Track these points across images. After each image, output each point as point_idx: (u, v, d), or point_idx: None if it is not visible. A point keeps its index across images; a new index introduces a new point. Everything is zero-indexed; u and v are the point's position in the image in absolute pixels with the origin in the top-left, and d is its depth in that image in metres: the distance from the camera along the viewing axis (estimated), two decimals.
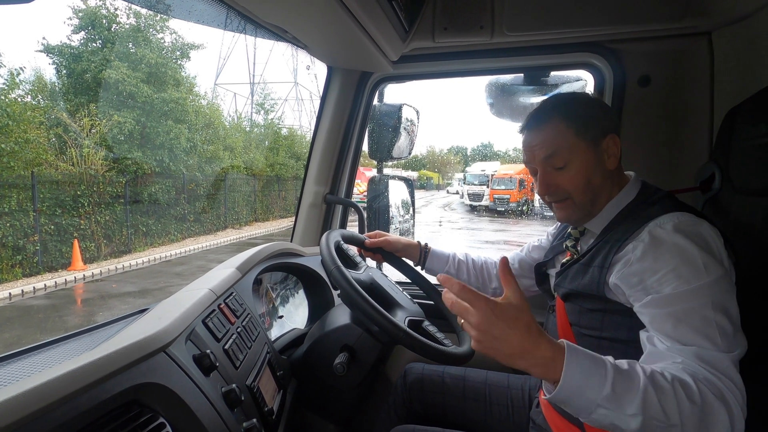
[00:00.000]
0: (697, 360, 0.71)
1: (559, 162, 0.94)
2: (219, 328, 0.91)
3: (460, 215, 21.67)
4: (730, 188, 1.10)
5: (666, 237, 0.80)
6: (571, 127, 0.93)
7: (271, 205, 17.93)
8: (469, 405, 1.27)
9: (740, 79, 1.23)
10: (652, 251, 0.80)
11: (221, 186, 14.72)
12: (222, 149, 15.07)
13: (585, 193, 0.94)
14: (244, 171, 16.24)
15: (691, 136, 1.38)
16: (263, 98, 24.69)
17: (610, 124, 0.95)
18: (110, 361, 0.61)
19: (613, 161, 0.94)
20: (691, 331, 0.73)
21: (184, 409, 0.69)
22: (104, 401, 0.57)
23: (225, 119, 17.96)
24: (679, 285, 0.76)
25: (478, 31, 1.43)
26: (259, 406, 0.91)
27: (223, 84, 31.32)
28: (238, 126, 19.03)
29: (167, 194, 12.28)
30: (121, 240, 10.78)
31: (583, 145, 0.92)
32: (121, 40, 12.75)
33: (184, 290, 1.00)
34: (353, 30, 1.18)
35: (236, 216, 15.59)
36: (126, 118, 11.49)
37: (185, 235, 12.97)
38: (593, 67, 1.50)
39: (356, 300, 1.00)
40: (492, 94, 1.77)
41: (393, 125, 1.69)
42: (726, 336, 0.72)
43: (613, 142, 0.94)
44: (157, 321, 0.77)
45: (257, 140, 19.67)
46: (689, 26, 1.30)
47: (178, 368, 0.72)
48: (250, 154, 17.27)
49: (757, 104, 1.03)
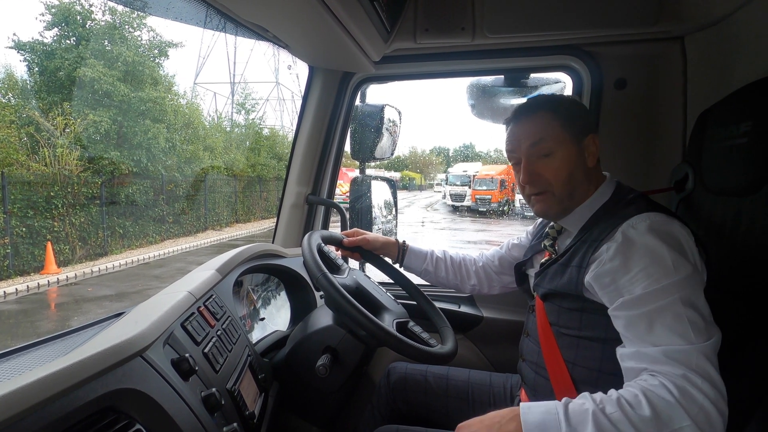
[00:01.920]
0: (664, 360, 0.73)
1: (545, 149, 0.96)
2: (198, 331, 0.89)
3: (443, 215, 21.74)
4: (702, 188, 1.13)
5: (637, 237, 0.82)
6: (558, 119, 0.96)
7: (253, 206, 17.67)
8: (452, 403, 1.28)
9: (712, 82, 1.27)
10: (624, 251, 0.82)
11: (201, 187, 14.42)
12: (202, 149, 14.75)
13: (565, 186, 0.96)
14: (224, 172, 15.98)
15: (665, 138, 1.42)
16: (244, 98, 24.26)
17: (591, 124, 0.99)
18: (84, 367, 0.59)
19: (592, 159, 0.98)
20: (665, 330, 0.75)
21: (162, 414, 0.67)
22: (77, 408, 0.55)
23: (205, 119, 17.73)
24: (650, 284, 0.78)
25: (460, 32, 1.45)
26: (240, 410, 0.89)
27: (203, 83, 30.46)
28: (219, 126, 18.70)
29: (145, 195, 11.92)
30: (96, 242, 10.42)
31: (569, 138, 0.95)
32: (96, 38, 12.37)
33: (162, 293, 0.98)
34: (334, 30, 1.17)
35: (217, 217, 15.32)
36: (102, 118, 11.14)
37: (164, 236, 12.63)
38: (572, 70, 1.53)
39: (345, 307, 1.00)
40: (473, 96, 1.79)
41: (375, 126, 1.69)
42: (698, 329, 0.73)
43: (593, 142, 0.97)
44: (134, 325, 0.75)
45: (238, 140, 19.38)
46: (663, 31, 1.34)
47: (155, 373, 0.70)
48: (231, 155, 17.02)
49: (727, 107, 1.07)
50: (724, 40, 1.20)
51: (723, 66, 1.21)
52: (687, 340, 0.73)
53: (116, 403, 0.62)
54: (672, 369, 0.71)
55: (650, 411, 0.68)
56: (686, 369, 0.70)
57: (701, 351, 0.71)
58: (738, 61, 1.15)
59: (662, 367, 0.72)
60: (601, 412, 0.70)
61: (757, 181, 0.91)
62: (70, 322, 6.54)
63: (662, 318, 0.75)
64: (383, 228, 1.88)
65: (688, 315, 0.74)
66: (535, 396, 1.03)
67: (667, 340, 0.74)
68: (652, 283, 0.78)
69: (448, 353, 1.08)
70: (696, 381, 0.69)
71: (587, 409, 0.71)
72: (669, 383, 0.69)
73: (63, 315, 7.02)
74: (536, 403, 0.76)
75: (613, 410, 0.69)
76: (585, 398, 0.74)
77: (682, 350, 0.72)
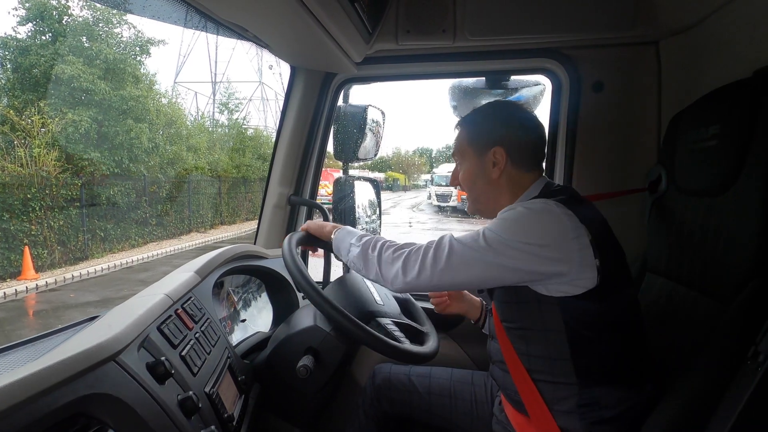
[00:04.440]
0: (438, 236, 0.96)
1: (457, 160, 1.14)
2: (176, 334, 0.88)
3: (429, 216, 21.77)
4: (675, 189, 1.16)
5: (510, 208, 0.95)
6: (468, 134, 1.10)
7: (238, 208, 17.39)
8: (434, 401, 1.29)
9: (684, 86, 1.30)
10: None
11: (185, 188, 14.03)
12: (185, 150, 14.37)
13: (471, 191, 1.13)
14: (208, 172, 15.65)
15: (641, 140, 1.45)
16: (227, 97, 23.59)
17: (499, 138, 1.05)
18: (53, 372, 0.57)
19: (497, 171, 1.05)
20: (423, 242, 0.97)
21: (136, 419, 0.66)
22: (46, 415, 0.54)
23: (188, 119, 17.22)
24: (488, 226, 0.92)
25: (441, 34, 1.46)
26: (218, 413, 0.88)
27: (184, 82, 29.48)
28: (202, 126, 18.22)
29: (127, 197, 11.53)
30: (76, 246, 10.04)
31: (471, 151, 1.09)
32: (74, 34, 11.80)
33: (137, 296, 0.96)
34: (315, 30, 1.17)
35: (201, 219, 14.99)
36: (81, 117, 10.69)
37: (147, 239, 12.26)
38: (551, 72, 1.55)
39: (323, 306, 1.00)
40: (455, 97, 1.80)
41: (358, 126, 1.69)
42: (473, 243, 0.91)
43: (499, 154, 1.04)
44: (107, 328, 0.74)
45: (222, 141, 19.02)
46: (638, 35, 1.37)
47: (129, 377, 0.69)
48: (215, 155, 16.70)
49: (698, 110, 1.10)
50: (696, 45, 1.24)
51: (695, 70, 1.25)
52: (459, 238, 0.93)
53: (88, 409, 0.61)
54: (432, 240, 0.96)
55: (396, 248, 0.98)
56: (437, 242, 0.94)
57: (454, 243, 0.92)
58: (709, 65, 1.18)
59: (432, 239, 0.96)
60: (375, 239, 1.03)
61: (726, 182, 0.93)
62: None
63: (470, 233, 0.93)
64: (367, 228, 1.88)
65: (479, 238, 0.90)
66: (507, 393, 1.06)
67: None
68: (489, 226, 0.92)
69: (430, 353, 1.09)
70: (430, 249, 0.93)
71: (372, 237, 1.04)
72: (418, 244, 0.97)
73: (43, 323, 6.72)
74: (353, 229, 1.11)
75: (380, 240, 1.03)
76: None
77: (447, 236, 0.95)
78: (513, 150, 1.04)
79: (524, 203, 0.93)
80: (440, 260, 0.91)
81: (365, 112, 1.67)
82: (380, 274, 0.97)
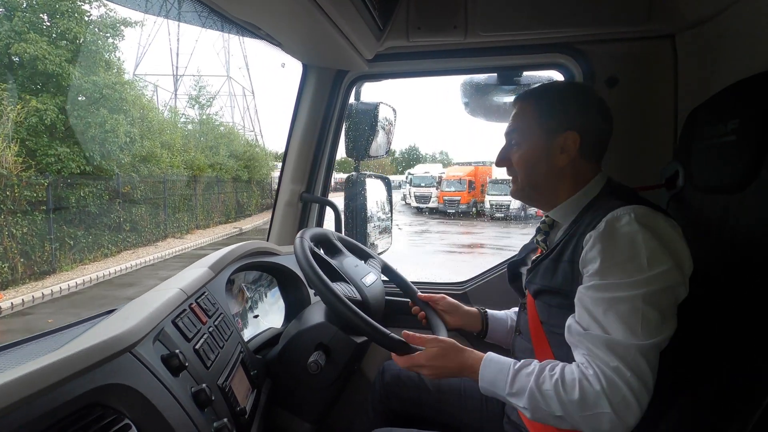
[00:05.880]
0: (605, 349, 0.79)
1: (515, 138, 1.03)
2: (189, 327, 0.90)
3: (410, 218, 21.36)
4: (692, 186, 1.14)
5: (618, 227, 0.84)
6: (537, 111, 0.99)
7: (212, 210, 16.03)
8: (444, 398, 1.29)
9: (702, 80, 1.27)
10: (603, 240, 0.84)
11: (160, 188, 12.60)
12: (159, 146, 12.89)
13: (528, 176, 1.01)
14: (184, 171, 14.32)
15: (656, 135, 1.43)
16: (198, 91, 21.57)
17: (575, 122, 0.96)
18: (71, 363, 0.59)
19: (565, 158, 0.97)
20: (617, 319, 0.79)
21: (151, 409, 0.68)
22: (64, 404, 0.56)
23: (161, 112, 15.90)
24: (621, 275, 0.81)
25: (452, 31, 1.45)
26: (231, 406, 0.90)
27: (143, 75, 26.09)
28: (175, 121, 16.69)
29: (99, 199, 10.10)
30: (42, 257, 8.54)
31: (538, 132, 0.99)
32: (34, 10, 10.12)
33: (153, 290, 0.99)
34: (326, 28, 1.17)
35: (177, 223, 13.50)
36: (47, 105, 9.17)
37: (120, 247, 10.83)
38: (564, 68, 1.54)
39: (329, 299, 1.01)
40: (467, 94, 1.79)
41: (370, 124, 1.70)
42: (648, 326, 0.78)
43: (571, 140, 0.96)
44: (123, 321, 0.76)
45: (196, 137, 17.47)
46: (653, 29, 1.35)
47: (144, 369, 0.71)
48: (191, 153, 15.24)
49: (716, 105, 1.08)
50: (714, 37, 1.21)
51: (713, 64, 1.22)
52: (633, 335, 0.78)
53: (104, 399, 0.62)
54: (608, 359, 0.78)
55: (579, 395, 0.78)
56: (620, 362, 0.77)
57: (641, 348, 0.77)
58: (727, 58, 1.15)
59: (601, 354, 0.79)
60: (538, 388, 0.83)
61: (745, 179, 0.91)
62: None
63: (619, 307, 0.80)
64: (380, 226, 1.88)
65: (644, 311, 0.78)
66: None
67: (615, 330, 0.79)
68: (624, 275, 0.81)
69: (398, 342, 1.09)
70: (626, 374, 0.76)
71: (528, 382, 0.84)
72: (601, 374, 0.78)
73: None
74: (496, 358, 0.92)
75: (548, 388, 0.82)
76: (534, 368, 0.86)
77: (624, 345, 0.78)
78: (587, 138, 0.96)
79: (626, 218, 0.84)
80: (647, 377, 0.77)
81: (377, 109, 1.68)
82: (584, 429, 0.81)
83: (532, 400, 0.83)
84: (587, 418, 0.78)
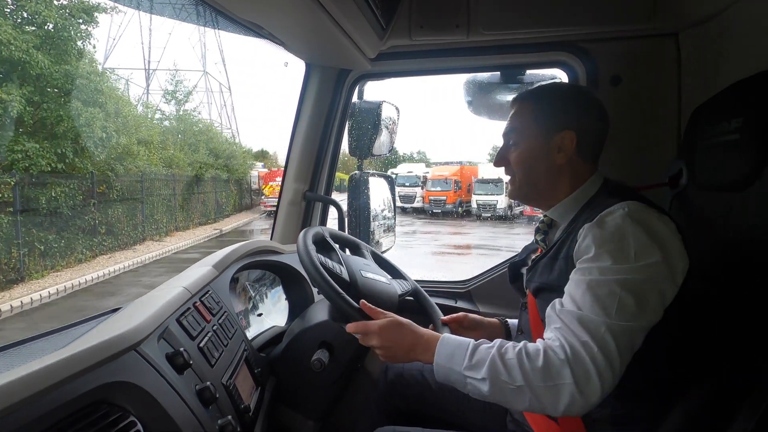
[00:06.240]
0: (576, 323, 0.79)
1: (513, 139, 1.03)
2: (194, 326, 0.90)
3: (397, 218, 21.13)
4: (695, 184, 1.14)
5: (609, 220, 0.85)
6: (534, 112, 1.00)
7: (191, 211, 15.10)
8: (447, 397, 1.29)
9: (705, 78, 1.27)
10: (595, 231, 0.85)
11: (138, 188, 11.75)
12: (136, 143, 11.91)
13: (526, 176, 1.02)
14: (163, 170, 13.52)
15: (660, 134, 1.42)
16: (175, 86, 20.08)
17: (572, 122, 0.97)
18: (77, 361, 0.60)
19: (562, 157, 0.98)
20: (593, 299, 0.79)
21: (156, 406, 0.68)
22: (70, 401, 0.56)
23: (135, 107, 14.92)
24: (606, 262, 0.81)
25: (455, 29, 1.45)
26: (235, 404, 0.91)
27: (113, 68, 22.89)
28: (151, 117, 15.54)
29: (72, 199, 9.24)
30: (9, 264, 7.73)
31: (535, 132, 0.99)
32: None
33: (157, 289, 1.00)
34: (329, 27, 1.18)
35: (156, 225, 12.64)
36: (11, 95, 8.19)
37: (96, 252, 9.94)
38: (567, 66, 1.53)
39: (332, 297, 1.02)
40: (470, 92, 1.79)
41: (373, 122, 1.70)
42: (623, 310, 0.77)
43: (568, 139, 0.97)
44: (128, 319, 0.76)
45: (174, 134, 16.57)
46: (657, 27, 1.34)
47: (149, 366, 0.72)
48: (170, 150, 14.44)
49: (719, 103, 1.07)
50: (717, 36, 1.21)
51: (716, 62, 1.21)
52: (606, 315, 0.78)
53: (110, 396, 0.63)
54: (578, 332, 0.78)
55: (543, 363, 0.77)
56: (590, 337, 0.77)
57: (611, 327, 0.77)
58: (730, 57, 1.15)
59: (572, 327, 0.79)
60: (500, 357, 0.81)
61: (748, 177, 0.91)
62: None
63: (598, 290, 0.80)
64: (384, 224, 1.89)
65: (622, 296, 0.78)
66: None
67: (589, 309, 0.79)
68: (609, 262, 0.81)
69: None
70: (593, 349, 0.76)
71: (490, 352, 0.82)
72: (568, 345, 0.77)
73: None
74: (454, 336, 0.91)
75: (511, 357, 0.80)
76: (496, 342, 0.85)
77: (595, 321, 0.78)
78: (583, 137, 0.97)
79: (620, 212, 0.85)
80: (614, 358, 0.75)
81: (379, 108, 1.68)
82: (541, 405, 0.78)
83: (492, 370, 0.80)
84: (548, 390, 0.76)
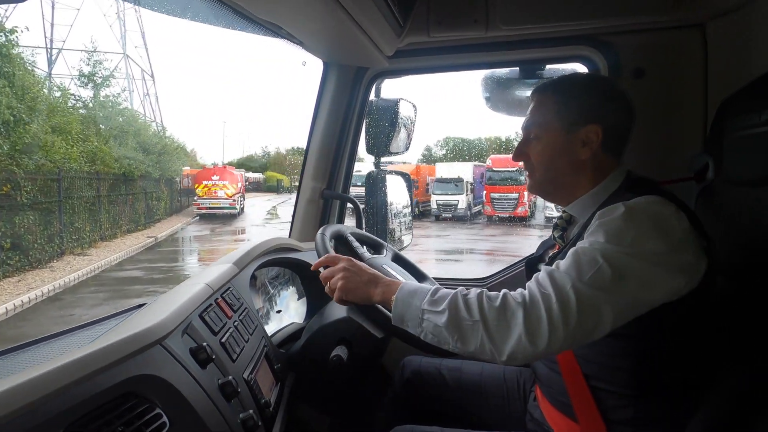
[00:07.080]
0: (545, 277, 0.79)
1: (533, 133, 1.00)
2: (216, 321, 0.92)
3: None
4: (723, 178, 1.11)
5: (619, 206, 0.82)
6: (557, 105, 0.97)
7: (119, 216, 12.80)
8: (465, 397, 1.28)
9: (733, 69, 1.23)
10: (602, 217, 0.83)
11: (54, 188, 9.45)
12: (49, 132, 9.65)
13: (547, 171, 0.99)
14: (85, 166, 11.08)
15: (685, 127, 1.39)
16: (92, 66, 16.21)
17: (598, 115, 0.94)
18: (105, 354, 0.62)
19: (586, 152, 0.94)
20: (572, 262, 0.79)
21: (181, 399, 0.70)
22: (100, 392, 0.58)
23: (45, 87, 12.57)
24: (601, 240, 0.79)
25: (473, 25, 1.44)
26: (256, 398, 0.92)
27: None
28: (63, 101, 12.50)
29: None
30: None
31: (558, 125, 0.96)
32: None
33: (181, 285, 1.02)
34: (347, 25, 1.18)
35: (77, 234, 10.29)
36: None
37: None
38: (588, 60, 1.50)
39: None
40: (488, 88, 1.77)
41: (390, 120, 1.70)
42: (598, 277, 0.76)
43: (593, 133, 0.93)
44: (153, 315, 0.78)
45: (95, 123, 13.92)
46: (682, 18, 1.31)
47: (174, 360, 0.73)
48: (93, 143, 11.87)
49: (749, 95, 1.04)
50: (745, 25, 1.17)
51: (745, 52, 1.18)
52: (578, 277, 0.76)
53: (137, 388, 0.65)
54: (544, 284, 0.78)
55: (500, 303, 0.79)
56: (553, 290, 0.76)
57: (579, 288, 0.76)
58: (760, 46, 1.11)
59: (540, 279, 0.80)
60: (462, 295, 0.82)
61: None
62: None
63: (581, 256, 0.79)
64: (402, 222, 1.89)
65: (602, 267, 0.76)
66: (550, 392, 1.03)
67: (565, 268, 0.79)
68: (602, 239, 0.79)
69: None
70: (551, 300, 0.75)
71: (452, 291, 0.84)
72: (528, 292, 0.78)
73: None
74: (418, 284, 0.92)
75: (472, 296, 0.81)
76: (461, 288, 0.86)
77: (564, 278, 0.77)
78: (609, 132, 0.93)
79: (631, 202, 0.82)
80: (571, 315, 0.74)
81: (397, 105, 1.68)
82: (491, 345, 0.77)
83: (453, 304, 0.81)
84: (499, 328, 0.77)
